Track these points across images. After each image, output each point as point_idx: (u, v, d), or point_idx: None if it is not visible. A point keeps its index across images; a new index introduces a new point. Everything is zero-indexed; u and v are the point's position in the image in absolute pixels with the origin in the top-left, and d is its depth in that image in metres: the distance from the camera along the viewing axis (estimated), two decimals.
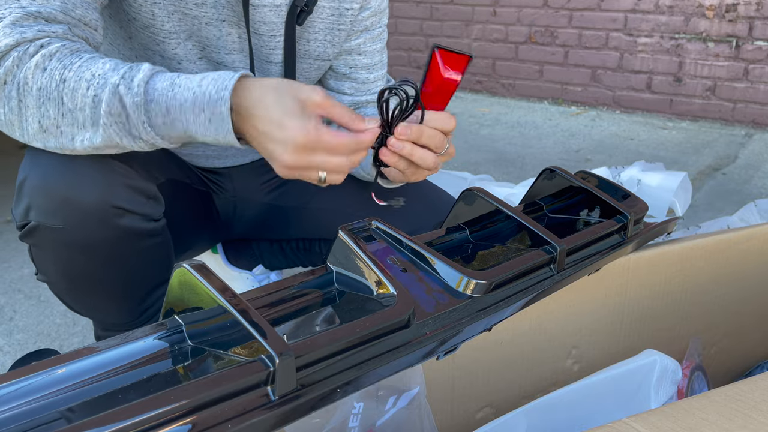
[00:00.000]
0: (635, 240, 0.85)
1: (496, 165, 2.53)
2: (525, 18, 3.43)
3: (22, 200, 0.85)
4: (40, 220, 0.84)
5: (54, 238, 0.85)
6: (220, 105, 0.75)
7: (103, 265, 0.89)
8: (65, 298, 0.97)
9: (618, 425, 0.52)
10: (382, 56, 1.12)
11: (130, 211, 0.87)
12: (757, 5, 2.85)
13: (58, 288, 0.95)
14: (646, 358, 0.77)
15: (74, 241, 0.85)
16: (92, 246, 0.86)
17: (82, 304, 0.97)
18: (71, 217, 0.84)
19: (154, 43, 0.93)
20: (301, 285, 0.61)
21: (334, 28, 1.02)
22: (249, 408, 0.45)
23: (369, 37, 1.07)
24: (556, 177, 0.87)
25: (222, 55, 0.96)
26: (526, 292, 0.68)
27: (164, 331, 0.52)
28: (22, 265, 1.74)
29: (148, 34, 0.92)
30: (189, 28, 0.92)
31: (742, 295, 1.04)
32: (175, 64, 0.96)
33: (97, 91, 0.75)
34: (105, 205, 0.85)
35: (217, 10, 0.92)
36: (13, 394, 0.43)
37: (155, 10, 0.89)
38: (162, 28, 0.91)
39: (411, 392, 0.73)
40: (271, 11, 0.94)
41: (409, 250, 0.65)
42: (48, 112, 0.76)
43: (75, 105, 0.75)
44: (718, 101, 3.02)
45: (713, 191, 2.23)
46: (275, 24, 0.96)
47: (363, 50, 1.08)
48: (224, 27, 0.94)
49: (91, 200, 0.84)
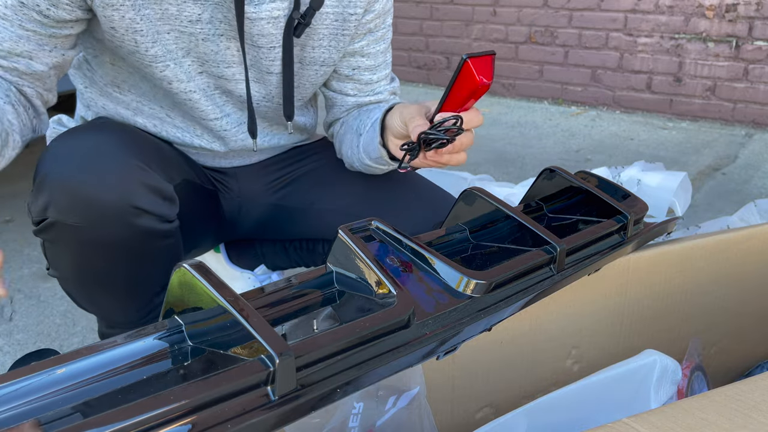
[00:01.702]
0: (635, 240, 0.85)
1: (496, 165, 2.53)
2: (525, 18, 3.43)
3: (41, 196, 0.85)
4: (59, 217, 0.84)
5: (71, 236, 0.86)
6: None
7: (116, 264, 0.90)
8: (74, 294, 0.97)
9: (618, 425, 0.52)
10: (386, 56, 1.11)
11: (147, 211, 0.88)
12: (757, 5, 2.85)
13: (68, 284, 0.95)
14: (646, 358, 0.77)
15: (91, 239, 0.86)
16: (108, 244, 0.87)
17: (91, 300, 0.97)
18: (90, 216, 0.84)
19: (143, 66, 0.94)
20: (301, 285, 0.61)
21: (339, 33, 1.02)
22: (249, 408, 0.45)
23: (372, 39, 1.07)
24: (556, 177, 0.87)
25: (222, 68, 0.97)
26: (526, 292, 0.68)
27: (164, 331, 0.52)
28: (21, 265, 1.74)
29: (135, 59, 0.93)
30: (186, 45, 0.93)
31: (742, 295, 1.04)
32: (165, 84, 0.96)
33: None
34: (125, 205, 0.85)
35: (213, 25, 0.92)
36: (13, 394, 0.43)
37: (137, 38, 0.90)
38: (147, 54, 0.91)
39: (411, 392, 0.73)
40: (269, 23, 0.94)
41: (409, 250, 0.65)
42: None
43: None
44: (718, 101, 3.02)
45: (713, 191, 2.23)
46: (274, 36, 0.95)
47: (366, 52, 1.07)
48: (222, 41, 0.94)
49: (111, 200, 0.84)
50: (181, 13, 0.89)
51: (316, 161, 1.18)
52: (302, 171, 1.17)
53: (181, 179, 1.00)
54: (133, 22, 0.88)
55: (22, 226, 1.98)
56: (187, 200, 0.99)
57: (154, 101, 1.03)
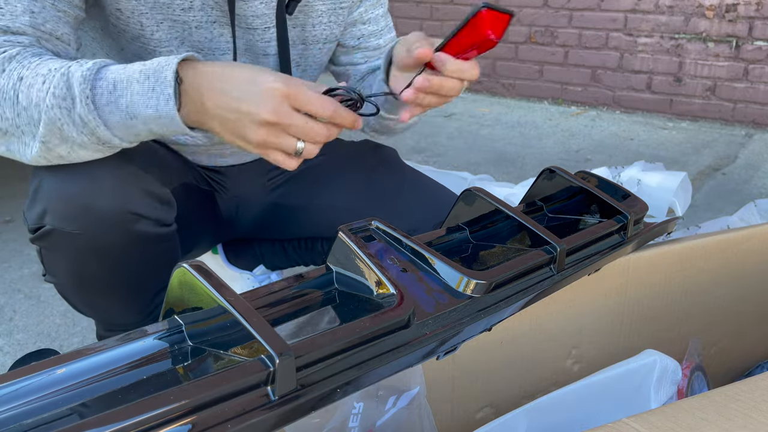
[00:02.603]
0: (635, 240, 0.85)
1: (496, 165, 2.53)
2: (525, 18, 3.43)
3: (37, 204, 0.85)
4: (56, 225, 0.84)
5: (69, 243, 0.85)
6: (165, 70, 0.73)
7: (114, 269, 0.89)
8: (72, 299, 0.97)
9: (618, 425, 0.52)
10: (387, 20, 1.12)
11: (145, 216, 0.87)
12: (757, 5, 2.85)
13: (66, 290, 0.94)
14: (646, 358, 0.77)
15: (89, 245, 0.85)
16: (106, 250, 0.86)
17: (89, 305, 0.97)
18: (88, 223, 0.83)
19: (146, 53, 0.93)
20: (301, 285, 0.61)
21: (336, 7, 1.02)
22: (249, 408, 0.45)
23: (369, 4, 1.07)
24: (556, 177, 0.87)
25: (217, 56, 0.96)
26: (526, 292, 0.68)
27: (164, 331, 0.52)
28: (21, 266, 1.74)
29: (138, 44, 0.92)
30: (180, 34, 0.92)
31: (742, 295, 1.04)
32: None
33: (52, 82, 0.74)
34: (123, 211, 0.84)
35: (206, 12, 0.91)
36: (13, 394, 0.43)
37: (143, 20, 0.89)
38: (152, 38, 0.91)
39: (411, 392, 0.73)
40: (261, 3, 0.93)
41: (409, 250, 0.65)
42: (5, 113, 0.75)
43: (30, 101, 0.74)
44: (718, 101, 3.02)
45: (713, 191, 2.23)
46: (267, 16, 0.95)
47: (366, 18, 1.07)
48: (215, 28, 0.93)
49: (109, 207, 0.83)
50: (173, 2, 0.89)
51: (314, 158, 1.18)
52: (299, 168, 1.17)
53: (178, 182, 0.99)
54: (138, 4, 0.87)
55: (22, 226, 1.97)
56: (184, 202, 0.98)
57: None
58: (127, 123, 0.76)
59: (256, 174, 1.16)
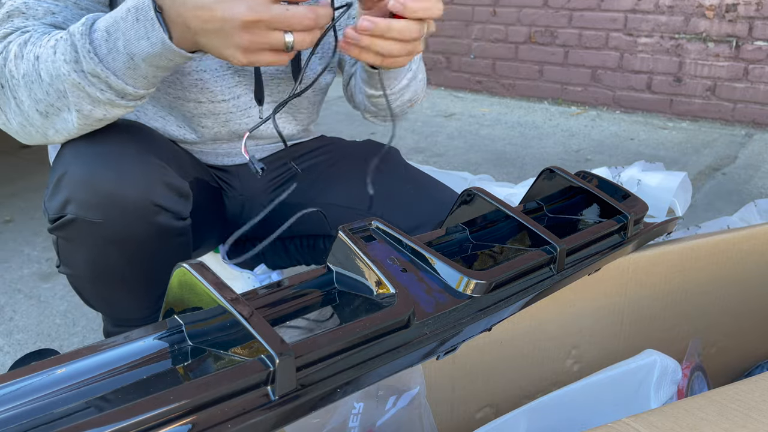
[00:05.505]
0: (635, 240, 0.85)
1: (496, 165, 2.53)
2: (525, 18, 3.43)
3: (59, 193, 0.85)
4: (79, 214, 0.84)
5: (89, 232, 0.85)
6: (143, 1, 0.73)
7: (131, 260, 0.90)
8: (85, 292, 0.97)
9: (618, 425, 0.52)
10: None
11: (166, 209, 0.88)
12: (757, 5, 2.85)
13: (80, 281, 0.95)
14: (646, 358, 0.77)
15: (109, 236, 0.86)
16: (125, 241, 0.87)
17: (102, 297, 0.98)
18: (112, 213, 0.84)
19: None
20: (301, 285, 0.61)
21: None
22: (249, 408, 0.45)
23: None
24: (556, 177, 0.87)
25: None
26: (526, 292, 0.68)
27: (164, 331, 0.52)
28: (21, 266, 1.74)
29: None
30: None
31: (742, 295, 1.04)
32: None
33: (60, 50, 0.75)
34: (146, 202, 0.85)
35: None
36: (13, 394, 0.43)
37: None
38: None
39: (411, 392, 0.73)
40: None
41: (409, 250, 0.65)
42: (37, 95, 0.77)
43: (50, 75, 0.76)
44: (718, 101, 3.02)
45: (713, 191, 2.23)
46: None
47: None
48: None
49: (133, 197, 0.84)
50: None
51: (315, 157, 1.19)
52: (302, 167, 1.18)
53: (193, 177, 1.01)
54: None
55: (22, 226, 1.98)
56: (198, 198, 1.00)
57: (153, 100, 1.03)
58: (129, 65, 0.76)
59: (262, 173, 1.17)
